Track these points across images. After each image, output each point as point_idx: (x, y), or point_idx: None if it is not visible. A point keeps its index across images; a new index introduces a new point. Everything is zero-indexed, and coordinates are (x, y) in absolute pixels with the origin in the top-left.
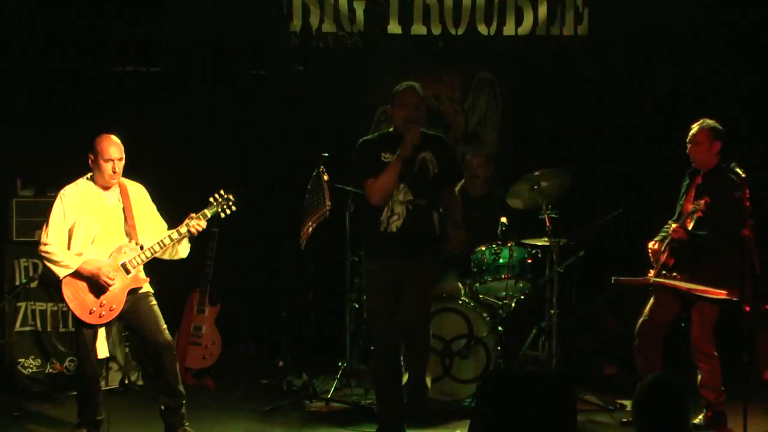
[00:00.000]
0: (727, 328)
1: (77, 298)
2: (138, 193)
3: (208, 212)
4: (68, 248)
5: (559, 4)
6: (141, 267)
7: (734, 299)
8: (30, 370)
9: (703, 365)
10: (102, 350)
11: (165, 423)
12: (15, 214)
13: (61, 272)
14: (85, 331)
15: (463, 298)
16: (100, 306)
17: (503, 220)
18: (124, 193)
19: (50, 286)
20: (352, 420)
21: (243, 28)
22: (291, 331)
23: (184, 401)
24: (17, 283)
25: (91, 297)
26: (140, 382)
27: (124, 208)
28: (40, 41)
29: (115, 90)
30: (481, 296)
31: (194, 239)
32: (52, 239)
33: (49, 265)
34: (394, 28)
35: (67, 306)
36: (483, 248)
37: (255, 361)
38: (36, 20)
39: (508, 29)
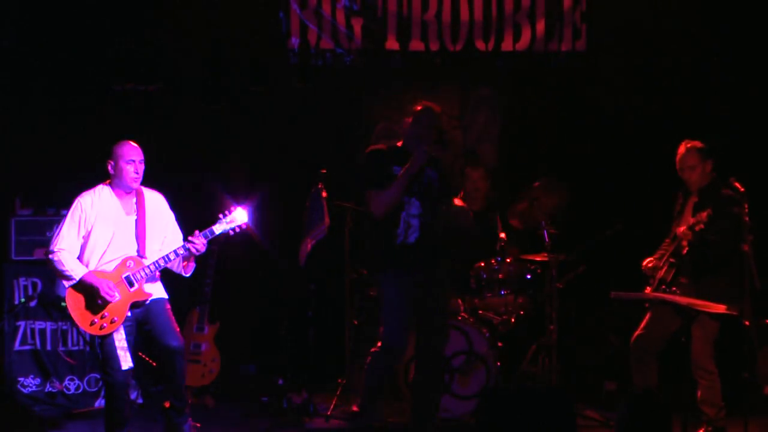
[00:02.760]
0: (727, 344)
1: (79, 308)
2: (155, 202)
3: (216, 229)
4: (82, 255)
5: (557, 20)
6: (144, 281)
7: (734, 314)
8: (30, 389)
9: (703, 381)
10: (125, 361)
11: (167, 421)
12: (14, 233)
13: (65, 281)
14: (105, 342)
15: (462, 314)
16: (102, 318)
17: (502, 236)
18: (140, 203)
19: (50, 304)
20: None
21: (242, 46)
22: (291, 348)
23: (187, 408)
24: (16, 302)
25: (92, 308)
26: (140, 401)
27: (137, 219)
28: (38, 60)
29: (113, 108)
30: (480, 312)
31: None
32: (62, 245)
33: (55, 271)
34: (392, 44)
35: (69, 315)
36: (482, 264)
37: (254, 379)
38: (34, 38)
39: (506, 45)
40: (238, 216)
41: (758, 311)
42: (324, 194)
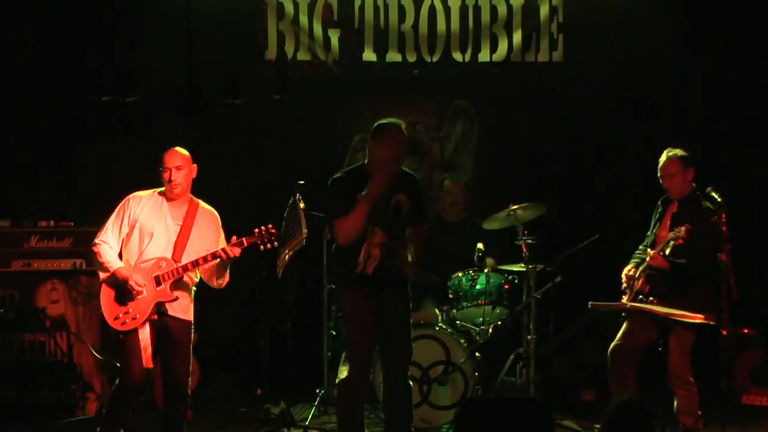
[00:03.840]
0: (704, 353)
1: (108, 301)
2: (206, 217)
3: (246, 241)
4: (121, 252)
5: (533, 31)
6: (172, 282)
7: (712, 323)
8: (7, 401)
9: (680, 391)
10: (146, 360)
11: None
12: None
13: (101, 273)
14: (129, 338)
15: (440, 324)
16: (125, 314)
17: (480, 246)
18: (190, 214)
19: (28, 316)
20: None
21: (219, 58)
22: (269, 359)
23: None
24: None
25: (119, 301)
26: None
27: (182, 227)
28: (14, 71)
29: (91, 120)
30: (458, 322)
31: None
32: (103, 237)
33: (94, 262)
34: (369, 55)
35: (99, 308)
36: (460, 274)
37: (233, 390)
38: (10, 51)
39: (483, 56)
40: (272, 234)
41: (736, 320)
42: (301, 205)
